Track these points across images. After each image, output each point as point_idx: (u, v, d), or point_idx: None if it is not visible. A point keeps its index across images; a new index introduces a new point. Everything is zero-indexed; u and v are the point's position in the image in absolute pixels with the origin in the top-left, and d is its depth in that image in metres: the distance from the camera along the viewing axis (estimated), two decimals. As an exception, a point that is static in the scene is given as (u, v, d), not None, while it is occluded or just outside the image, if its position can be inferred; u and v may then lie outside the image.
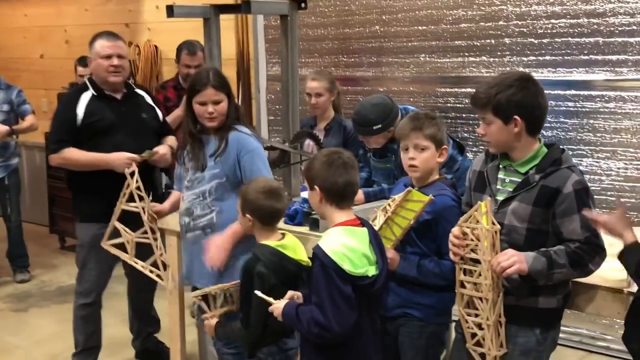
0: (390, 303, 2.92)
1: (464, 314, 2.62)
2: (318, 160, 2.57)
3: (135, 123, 3.95)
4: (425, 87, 5.03)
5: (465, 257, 2.57)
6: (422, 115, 2.96)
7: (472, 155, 4.37)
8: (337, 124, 4.33)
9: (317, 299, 2.46)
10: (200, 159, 3.31)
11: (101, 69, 3.85)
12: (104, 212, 3.67)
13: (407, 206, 2.79)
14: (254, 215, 2.84)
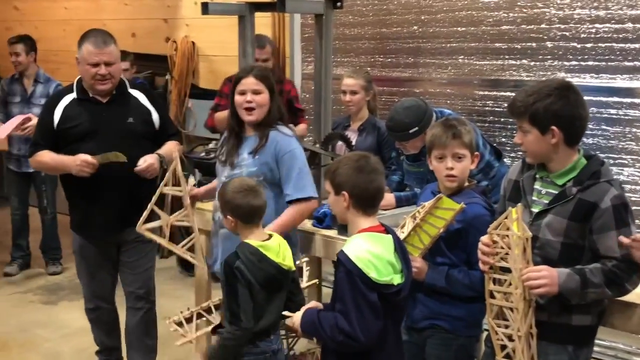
0: (418, 314, 2.85)
1: (494, 325, 2.54)
2: (347, 165, 2.49)
3: (116, 129, 3.61)
4: (463, 89, 4.93)
5: (495, 266, 2.50)
6: (454, 122, 2.86)
7: (509, 161, 4.27)
8: (370, 125, 4.26)
9: (341, 307, 2.39)
10: (232, 156, 3.30)
11: (87, 75, 3.57)
12: (84, 223, 3.71)
13: (437, 214, 2.71)
14: (234, 215, 2.81)
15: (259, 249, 2.75)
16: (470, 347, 2.89)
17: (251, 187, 2.84)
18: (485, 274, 2.54)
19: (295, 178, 3.22)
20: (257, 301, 2.77)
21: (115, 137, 3.58)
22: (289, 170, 3.22)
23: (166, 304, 5.16)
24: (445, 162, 2.80)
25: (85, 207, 3.64)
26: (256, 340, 2.81)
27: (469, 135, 2.81)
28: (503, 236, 2.45)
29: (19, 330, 4.88)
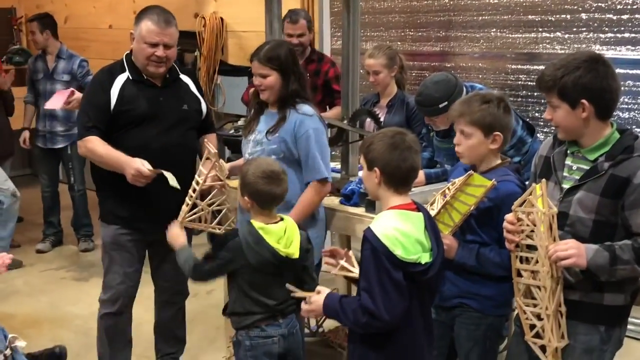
0: (447, 293, 2.80)
1: (522, 304, 2.50)
2: (381, 141, 2.42)
3: (173, 116, 3.46)
4: (495, 63, 4.84)
5: (521, 244, 2.45)
6: (474, 98, 2.77)
7: (542, 137, 4.18)
8: (399, 100, 4.19)
9: (365, 284, 2.35)
10: (254, 133, 3.31)
11: (142, 55, 3.36)
12: (127, 215, 3.46)
13: (468, 191, 2.64)
14: (252, 199, 2.78)
15: (259, 231, 2.73)
16: (500, 326, 2.84)
17: (276, 174, 2.80)
18: (511, 252, 2.49)
19: (311, 159, 3.21)
20: (255, 283, 2.76)
21: (173, 123, 3.45)
22: (305, 151, 3.21)
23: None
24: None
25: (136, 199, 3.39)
26: (264, 323, 2.81)
27: (480, 114, 2.69)
28: (528, 213, 2.40)
29: (50, 307, 4.94)
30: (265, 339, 2.81)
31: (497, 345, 2.89)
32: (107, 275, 3.56)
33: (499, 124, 2.70)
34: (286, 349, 2.86)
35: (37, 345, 4.21)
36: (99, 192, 3.59)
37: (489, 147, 2.71)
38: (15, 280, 5.38)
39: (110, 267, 3.53)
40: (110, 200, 3.49)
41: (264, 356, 2.82)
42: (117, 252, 3.50)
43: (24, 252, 5.95)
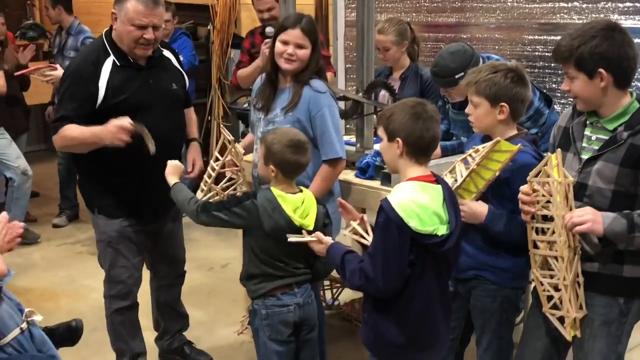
0: (463, 264, 2.77)
1: (539, 275, 2.49)
2: (403, 111, 2.40)
3: (165, 99, 3.31)
4: (512, 34, 4.77)
5: (537, 215, 2.42)
6: (484, 67, 2.74)
7: (560, 108, 4.13)
8: (412, 72, 4.14)
9: (372, 250, 2.38)
10: (267, 110, 3.25)
11: (129, 38, 3.15)
12: (130, 207, 3.35)
13: (494, 157, 2.61)
14: (278, 168, 2.78)
15: (277, 198, 2.74)
16: (516, 298, 2.82)
17: (301, 144, 2.81)
18: (527, 223, 2.47)
19: (326, 138, 3.17)
20: (265, 247, 2.79)
21: (166, 107, 3.31)
22: (320, 130, 3.17)
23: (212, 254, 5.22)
24: None
25: (135, 189, 3.29)
26: (279, 292, 2.83)
27: (486, 84, 2.66)
28: (543, 183, 2.38)
29: (67, 280, 4.98)
30: (281, 307, 2.83)
31: (513, 318, 2.87)
32: (113, 270, 3.42)
33: (505, 95, 2.65)
34: (302, 317, 2.88)
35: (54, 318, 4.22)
36: (91, 187, 3.40)
37: (496, 118, 2.68)
38: (33, 255, 5.42)
39: (116, 261, 3.41)
40: (109, 193, 3.33)
41: (280, 325, 2.84)
42: (123, 245, 3.39)
43: (40, 226, 5.99)
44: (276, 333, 2.84)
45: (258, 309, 2.85)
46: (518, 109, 2.70)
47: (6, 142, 5.48)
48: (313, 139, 3.17)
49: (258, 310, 2.85)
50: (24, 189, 5.51)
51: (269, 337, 2.84)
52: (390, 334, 2.43)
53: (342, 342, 3.91)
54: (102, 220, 3.39)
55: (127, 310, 3.51)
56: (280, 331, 2.84)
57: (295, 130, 2.96)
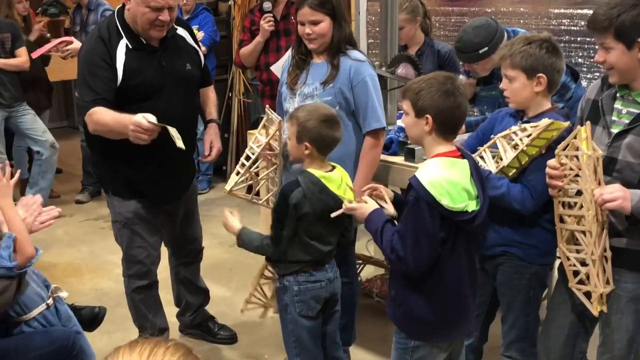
0: (490, 241, 2.75)
1: (565, 250, 2.45)
2: (433, 87, 2.33)
3: (180, 80, 3.24)
4: (537, 7, 4.71)
5: (565, 189, 2.38)
6: (517, 40, 2.68)
7: (586, 83, 4.07)
8: (428, 47, 4.09)
9: (402, 228, 2.35)
10: (303, 85, 3.19)
11: (144, 20, 3.06)
12: (145, 188, 3.30)
13: (540, 135, 2.56)
14: (314, 144, 2.72)
15: (320, 179, 2.70)
16: (544, 275, 2.80)
17: (335, 118, 2.76)
18: (554, 198, 2.43)
19: (370, 108, 3.12)
20: (313, 232, 2.74)
21: (180, 89, 3.25)
22: (363, 100, 3.11)
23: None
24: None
25: (152, 168, 3.22)
26: (312, 269, 2.80)
27: (521, 56, 2.60)
28: (572, 157, 2.34)
29: (90, 256, 5.01)
30: (313, 283, 2.81)
31: (540, 295, 2.84)
32: (130, 250, 3.41)
33: (542, 65, 2.60)
34: (331, 293, 2.87)
35: (77, 293, 4.27)
36: (106, 169, 3.38)
37: (533, 90, 2.62)
38: (56, 231, 5.45)
39: (133, 242, 3.39)
40: (123, 174, 3.29)
41: (312, 300, 2.82)
42: (139, 226, 3.36)
43: (63, 202, 6.02)
44: (307, 309, 2.82)
45: (289, 285, 2.82)
46: (555, 80, 2.64)
47: (31, 117, 5.53)
48: (354, 111, 3.12)
49: (289, 287, 2.82)
50: (51, 162, 5.59)
51: (300, 313, 2.82)
52: (420, 310, 2.41)
53: (365, 319, 3.90)
54: (117, 201, 3.37)
55: (147, 289, 3.51)
56: (311, 307, 2.83)
57: (324, 105, 2.89)
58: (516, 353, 2.84)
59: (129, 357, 1.23)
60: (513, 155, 2.59)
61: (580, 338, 2.65)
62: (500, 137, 2.65)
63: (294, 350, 2.89)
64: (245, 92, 6.21)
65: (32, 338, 2.72)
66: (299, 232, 2.74)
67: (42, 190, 5.56)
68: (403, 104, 2.44)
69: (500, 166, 2.62)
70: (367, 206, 2.49)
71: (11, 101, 5.40)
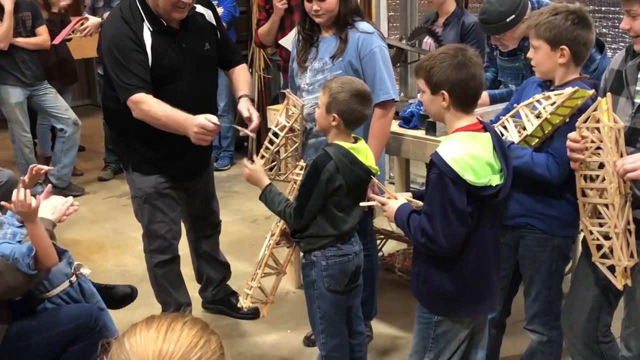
0: (512, 211, 2.71)
1: (588, 224, 2.42)
2: (444, 62, 2.28)
3: (197, 61, 3.23)
4: (561, -23, 4.60)
5: (586, 162, 2.34)
6: (545, 10, 2.62)
7: (611, 54, 3.99)
8: (456, 17, 4.03)
9: (428, 209, 2.30)
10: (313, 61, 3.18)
11: (166, 1, 3.05)
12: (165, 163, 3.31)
13: (565, 103, 2.51)
14: (342, 117, 2.69)
15: (350, 150, 2.68)
16: (566, 247, 2.76)
17: (367, 95, 2.74)
18: (575, 171, 2.40)
19: (378, 80, 3.10)
20: (341, 203, 2.73)
21: (199, 70, 3.25)
22: (371, 71, 3.10)
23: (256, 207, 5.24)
24: None
25: (171, 146, 3.22)
26: (339, 243, 2.79)
27: (545, 26, 2.55)
28: (593, 129, 2.29)
29: (114, 232, 5.05)
30: (341, 257, 2.80)
31: (563, 268, 2.81)
32: (152, 224, 3.42)
33: (566, 37, 2.54)
34: (357, 266, 2.87)
35: (101, 270, 4.32)
36: (122, 141, 3.38)
37: (557, 61, 2.57)
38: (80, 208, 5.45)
39: (154, 217, 3.40)
40: (142, 152, 3.31)
41: (340, 274, 2.81)
42: (159, 200, 3.37)
43: (86, 180, 6.08)
44: (335, 283, 2.81)
45: (317, 261, 2.80)
46: (580, 52, 2.57)
47: (53, 95, 5.57)
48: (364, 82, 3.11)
49: (317, 262, 2.80)
50: (74, 139, 5.63)
51: (328, 287, 2.81)
52: (443, 286, 2.38)
53: (387, 293, 3.91)
54: (137, 177, 3.38)
55: (169, 264, 3.52)
56: (340, 281, 2.82)
57: (360, 81, 2.85)
58: (539, 326, 2.82)
59: (146, 333, 1.24)
60: (537, 124, 2.54)
61: (604, 311, 2.62)
62: (523, 105, 2.61)
63: (320, 326, 2.89)
64: (265, 68, 6.19)
65: (56, 314, 2.75)
66: (328, 206, 2.72)
67: (65, 167, 5.62)
68: (418, 83, 2.41)
69: (523, 135, 2.58)
70: (394, 201, 2.47)
71: (33, 80, 5.44)
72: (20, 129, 5.51)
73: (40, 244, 2.52)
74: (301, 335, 3.63)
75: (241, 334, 3.75)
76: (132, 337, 1.24)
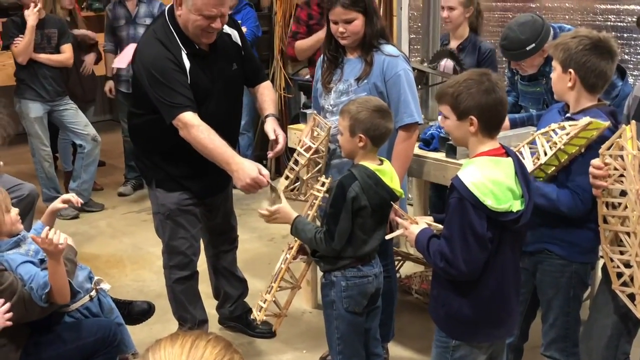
0: (530, 237, 2.68)
1: (609, 251, 2.42)
2: (472, 88, 2.29)
3: (226, 82, 3.27)
4: (583, 3, 4.62)
5: (608, 189, 2.34)
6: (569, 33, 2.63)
7: (632, 81, 3.99)
8: (471, 43, 4.04)
9: (447, 233, 2.31)
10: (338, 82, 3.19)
11: (195, 26, 3.07)
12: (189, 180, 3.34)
13: (580, 134, 2.51)
14: (367, 135, 2.69)
15: (375, 172, 2.69)
16: (585, 274, 2.75)
17: (386, 108, 2.76)
18: (597, 198, 2.39)
19: (403, 102, 3.10)
20: (365, 225, 2.73)
21: (227, 91, 3.29)
22: (396, 94, 3.10)
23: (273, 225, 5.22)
24: None
25: (195, 164, 3.23)
26: (359, 264, 2.79)
27: (561, 47, 2.55)
28: (616, 156, 2.30)
29: (132, 247, 5.07)
30: (361, 278, 2.80)
31: (581, 294, 2.80)
32: (173, 241, 3.43)
33: (574, 62, 2.53)
34: (376, 288, 2.86)
35: (119, 285, 4.33)
36: (146, 158, 3.41)
37: (566, 84, 2.57)
38: (99, 222, 5.54)
39: (176, 233, 3.41)
40: (167, 170, 3.33)
41: (359, 296, 2.81)
42: (182, 217, 3.39)
43: (106, 195, 6.12)
44: (355, 305, 2.81)
45: (337, 281, 2.80)
46: (588, 79, 2.54)
47: (73, 111, 5.62)
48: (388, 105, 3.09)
49: (336, 282, 2.80)
50: (93, 155, 5.66)
51: (347, 309, 2.81)
52: (462, 310, 2.38)
53: (404, 316, 3.89)
54: (160, 193, 3.39)
55: (188, 280, 3.53)
56: (359, 302, 2.82)
57: (374, 97, 2.87)
58: (556, 352, 2.80)
59: (170, 349, 1.25)
60: (550, 154, 2.55)
61: (623, 339, 2.61)
62: (540, 134, 2.62)
63: (338, 347, 2.88)
64: (285, 87, 6.22)
65: (76, 328, 2.77)
66: (353, 227, 2.72)
67: (84, 182, 5.66)
68: (441, 109, 2.41)
69: (537, 164, 2.58)
70: (415, 226, 2.48)
71: (54, 95, 5.49)
72: (39, 143, 5.56)
73: (58, 282, 2.58)
74: (317, 355, 3.62)
75: (257, 353, 3.74)
76: (157, 353, 1.25)
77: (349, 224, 2.68)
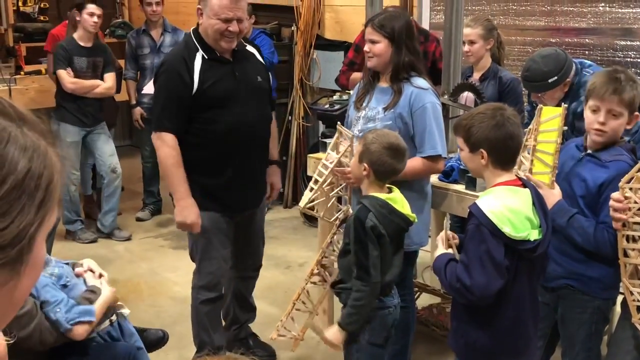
0: (552, 273, 2.71)
1: (629, 285, 2.42)
2: (483, 122, 2.34)
3: (251, 90, 3.38)
4: (603, 39, 4.64)
5: (629, 222, 2.36)
6: (623, 76, 2.61)
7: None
8: (492, 74, 4.06)
9: (465, 258, 2.35)
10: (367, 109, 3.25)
11: (214, 31, 3.22)
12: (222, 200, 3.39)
13: (547, 127, 2.56)
14: (372, 168, 2.72)
15: (387, 201, 2.71)
16: (607, 309, 2.76)
17: (401, 149, 2.76)
18: (617, 231, 2.40)
19: (428, 134, 3.13)
20: (385, 255, 2.74)
21: (253, 97, 3.38)
22: (421, 126, 3.13)
23: (290, 253, 5.27)
24: (598, 116, 2.59)
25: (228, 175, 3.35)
26: (380, 295, 2.79)
27: (632, 93, 2.57)
28: (636, 190, 2.31)
29: (150, 273, 5.09)
30: (381, 309, 2.80)
31: (603, 329, 2.81)
32: (204, 261, 3.47)
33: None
34: (395, 319, 2.87)
35: (136, 310, 4.34)
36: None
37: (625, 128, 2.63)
38: (117, 247, 5.57)
39: (208, 253, 3.45)
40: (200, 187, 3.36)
41: (380, 327, 2.81)
42: (215, 237, 3.43)
43: (124, 219, 6.14)
44: (377, 336, 2.80)
45: None
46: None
47: (105, 137, 5.67)
48: (413, 136, 3.14)
49: None
50: (112, 187, 5.67)
51: (369, 341, 2.79)
52: (480, 341, 2.40)
53: (420, 347, 3.88)
54: None
55: (213, 302, 3.55)
56: (379, 334, 2.81)
57: (396, 134, 2.89)
58: (577, 387, 2.79)
59: None
60: (530, 158, 2.60)
61: (643, 375, 2.60)
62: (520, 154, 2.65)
63: None
64: (304, 116, 6.27)
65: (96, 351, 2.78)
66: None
67: (106, 213, 5.69)
68: (457, 140, 2.45)
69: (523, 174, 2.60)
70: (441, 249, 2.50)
71: (92, 121, 5.56)
72: (70, 166, 5.58)
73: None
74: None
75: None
76: None
77: (378, 252, 2.68)
